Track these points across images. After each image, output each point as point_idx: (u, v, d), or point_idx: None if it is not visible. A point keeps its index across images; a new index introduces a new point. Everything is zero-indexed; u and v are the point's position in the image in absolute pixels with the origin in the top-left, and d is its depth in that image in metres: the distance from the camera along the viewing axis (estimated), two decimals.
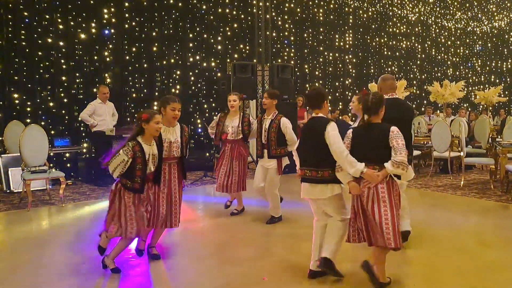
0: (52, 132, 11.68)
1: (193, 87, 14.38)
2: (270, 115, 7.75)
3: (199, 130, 14.55)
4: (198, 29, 14.48)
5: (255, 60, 14.47)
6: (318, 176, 4.93)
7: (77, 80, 12.21)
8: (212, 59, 14.79)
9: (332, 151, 4.81)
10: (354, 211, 4.87)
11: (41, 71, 11.67)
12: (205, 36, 14.61)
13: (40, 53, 11.63)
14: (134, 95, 13.18)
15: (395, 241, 4.57)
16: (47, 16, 11.74)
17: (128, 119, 12.92)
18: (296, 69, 16.60)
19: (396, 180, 4.69)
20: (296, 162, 5.24)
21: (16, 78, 11.35)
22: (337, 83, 18.72)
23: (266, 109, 7.86)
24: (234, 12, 15.33)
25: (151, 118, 5.34)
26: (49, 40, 11.74)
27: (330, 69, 18.66)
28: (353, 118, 17.04)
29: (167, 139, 5.85)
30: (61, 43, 11.90)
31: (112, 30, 12.75)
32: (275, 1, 16.21)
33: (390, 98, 6.05)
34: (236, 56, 15.19)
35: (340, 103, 18.66)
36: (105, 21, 12.59)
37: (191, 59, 14.30)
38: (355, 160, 4.74)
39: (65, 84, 12.02)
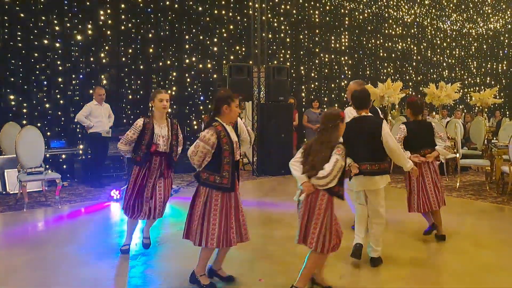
0: (48, 133, 11.67)
1: (189, 89, 14.38)
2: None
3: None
4: (194, 30, 14.48)
5: (251, 62, 14.50)
6: (376, 169, 5.33)
7: (73, 82, 12.21)
8: (208, 61, 14.79)
9: (389, 146, 5.39)
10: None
11: (37, 72, 11.66)
12: (201, 37, 14.62)
13: (36, 54, 11.62)
14: (130, 96, 13.18)
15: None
16: (43, 18, 11.74)
17: (124, 120, 12.92)
18: (292, 71, 16.60)
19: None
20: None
21: (12, 79, 11.34)
22: (333, 85, 18.73)
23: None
24: (230, 14, 15.34)
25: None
26: (45, 42, 11.74)
27: (326, 70, 18.67)
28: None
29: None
30: (57, 45, 11.90)
31: (108, 32, 12.74)
32: (271, 3, 16.21)
33: None
34: (232, 57, 15.20)
35: (336, 105, 18.65)
36: (101, 23, 12.58)
37: (187, 61, 14.30)
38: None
39: (61, 85, 12.01)
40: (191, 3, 14.39)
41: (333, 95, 18.75)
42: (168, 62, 13.96)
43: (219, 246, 4.93)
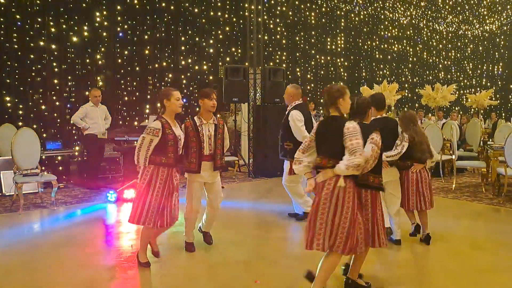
0: (44, 135, 11.65)
1: (185, 90, 14.37)
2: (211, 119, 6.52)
3: None
4: (190, 32, 14.48)
5: (247, 63, 14.51)
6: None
7: (69, 83, 12.19)
8: (204, 62, 14.80)
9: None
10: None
11: (33, 74, 11.64)
12: (197, 39, 14.61)
13: (32, 56, 11.60)
14: (126, 98, 13.17)
15: None
16: (39, 19, 11.72)
17: (120, 122, 12.91)
18: (288, 72, 16.61)
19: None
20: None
21: (8, 81, 11.32)
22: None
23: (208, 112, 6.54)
24: (226, 16, 15.34)
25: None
26: (41, 43, 11.72)
27: (322, 72, 18.70)
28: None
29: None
30: (53, 46, 11.88)
31: (104, 33, 12.73)
32: (267, 5, 16.23)
33: (300, 104, 7.93)
34: (228, 59, 15.20)
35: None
36: (97, 24, 12.57)
37: (183, 62, 14.30)
38: None
39: (57, 87, 11.99)
40: (187, 4, 14.38)
41: None
42: (164, 63, 13.95)
43: None
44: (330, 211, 4.45)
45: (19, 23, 11.42)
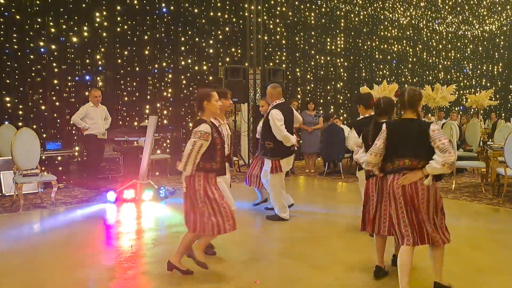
0: (44, 135, 11.65)
1: (184, 91, 14.37)
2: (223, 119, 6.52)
3: None
4: (190, 32, 14.47)
5: (246, 64, 14.52)
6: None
7: (69, 84, 12.19)
8: (204, 63, 14.79)
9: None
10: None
11: (33, 74, 11.64)
12: (197, 39, 14.61)
13: (32, 56, 11.61)
14: (126, 98, 13.17)
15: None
16: (39, 20, 11.72)
17: (120, 122, 12.91)
18: (288, 73, 16.61)
19: None
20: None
21: (7, 81, 11.32)
22: (328, 87, 18.75)
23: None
24: (226, 16, 15.33)
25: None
26: (41, 43, 11.72)
27: (322, 72, 18.68)
28: (344, 122, 17.11)
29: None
30: (53, 46, 11.88)
31: (104, 34, 12.74)
32: (266, 5, 16.23)
33: (281, 103, 7.98)
34: (227, 59, 15.19)
35: (332, 107, 18.69)
36: (97, 25, 12.58)
37: (183, 63, 14.30)
38: None
39: (57, 87, 12.00)
40: (187, 5, 14.38)
41: (328, 97, 18.77)
42: (164, 64, 13.95)
43: None
44: (426, 208, 4.94)
45: (19, 23, 11.43)
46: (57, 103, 12.02)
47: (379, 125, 5.21)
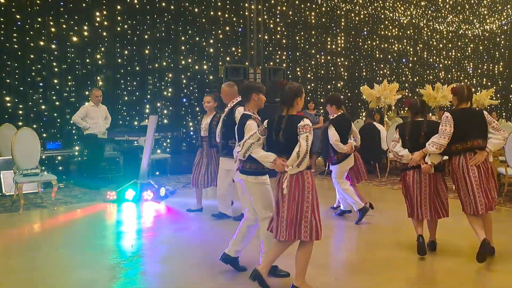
0: (44, 135, 11.65)
1: (185, 90, 14.36)
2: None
3: (191, 133, 14.49)
4: (190, 32, 14.46)
5: (247, 63, 14.49)
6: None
7: (69, 83, 12.19)
8: (204, 62, 14.78)
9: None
10: None
11: (33, 74, 11.64)
12: (197, 39, 14.60)
13: (32, 56, 11.61)
14: (126, 98, 13.17)
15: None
16: (39, 19, 11.72)
17: (121, 122, 12.91)
18: (288, 72, 16.60)
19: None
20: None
21: (8, 81, 11.32)
22: (329, 86, 18.74)
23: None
24: (226, 15, 15.33)
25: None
26: (41, 43, 11.72)
27: (322, 72, 18.68)
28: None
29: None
30: (53, 46, 11.89)
31: (104, 33, 12.73)
32: (267, 4, 16.22)
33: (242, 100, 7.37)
34: (228, 59, 15.19)
35: None
36: (97, 24, 12.57)
37: (183, 62, 14.29)
38: None
39: (57, 87, 12.00)
40: (187, 4, 14.38)
41: None
42: (164, 63, 13.94)
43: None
44: (480, 179, 5.89)
45: (19, 23, 11.43)
46: (57, 103, 12.02)
47: (417, 123, 6.10)
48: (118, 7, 12.97)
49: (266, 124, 5.02)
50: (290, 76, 16.87)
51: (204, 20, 14.79)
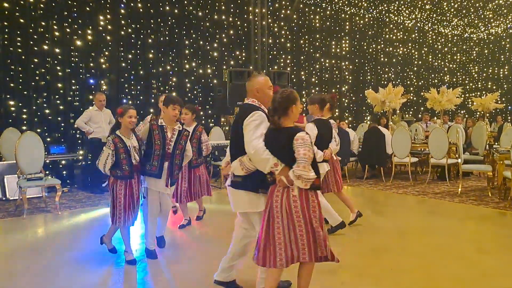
0: (48, 139, 11.64)
1: (189, 94, 14.35)
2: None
3: None
4: (194, 35, 14.45)
5: (251, 67, 14.48)
6: None
7: (73, 87, 12.18)
8: (208, 66, 14.77)
9: None
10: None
11: (37, 78, 11.63)
12: (201, 42, 14.59)
13: (36, 60, 11.60)
14: (130, 102, 13.15)
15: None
16: (43, 23, 11.71)
17: None
18: (293, 76, 16.59)
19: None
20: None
21: (11, 85, 11.31)
22: (333, 90, 18.71)
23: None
24: (230, 19, 15.32)
25: (124, 112, 5.94)
26: (45, 47, 11.71)
27: (327, 75, 18.67)
28: (350, 125, 17.07)
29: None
30: (57, 50, 11.87)
31: (108, 37, 12.71)
32: (271, 8, 16.21)
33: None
34: (232, 62, 15.18)
35: (337, 110, 18.64)
36: (101, 28, 12.56)
37: (187, 66, 14.28)
38: None
39: (61, 91, 11.98)
40: (191, 8, 14.37)
41: None
42: (168, 67, 13.93)
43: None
44: None
45: (23, 26, 11.42)
46: (61, 107, 12.01)
47: None
48: (122, 11, 12.97)
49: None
50: (294, 80, 16.85)
51: (208, 24, 14.78)
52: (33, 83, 11.60)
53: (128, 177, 5.89)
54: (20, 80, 11.44)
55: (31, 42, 11.55)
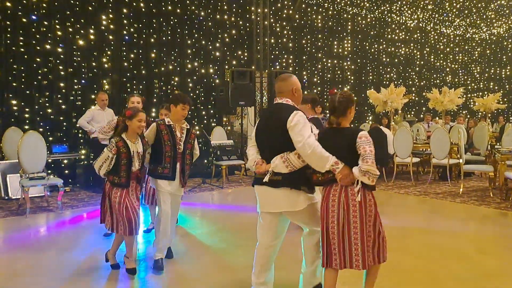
0: (50, 138, 11.65)
1: (191, 94, 14.33)
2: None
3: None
4: (196, 35, 14.45)
5: (253, 67, 14.49)
6: None
7: (75, 87, 12.18)
8: (211, 66, 14.76)
9: None
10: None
11: (40, 77, 11.64)
12: (203, 42, 14.59)
13: (38, 59, 11.61)
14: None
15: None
16: (46, 23, 11.72)
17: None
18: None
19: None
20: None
21: (14, 84, 11.32)
22: (335, 90, 18.67)
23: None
24: (233, 19, 15.31)
25: (134, 115, 5.51)
26: (48, 47, 11.72)
27: (329, 75, 18.66)
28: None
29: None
30: (59, 50, 11.88)
31: (110, 37, 12.72)
32: (273, 8, 16.21)
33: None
34: (234, 62, 15.17)
35: None
36: (103, 27, 12.57)
37: (189, 66, 14.28)
38: None
39: (63, 90, 11.99)
40: (193, 8, 14.37)
41: None
42: (170, 67, 13.93)
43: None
44: None
45: (25, 26, 11.43)
46: (63, 106, 12.02)
47: None
48: (124, 10, 12.97)
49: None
50: None
51: (210, 23, 14.78)
52: (35, 83, 11.61)
53: (124, 185, 5.54)
54: (23, 80, 11.45)
55: (34, 42, 11.55)
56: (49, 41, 11.76)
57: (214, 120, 14.74)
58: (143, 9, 13.32)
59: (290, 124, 4.39)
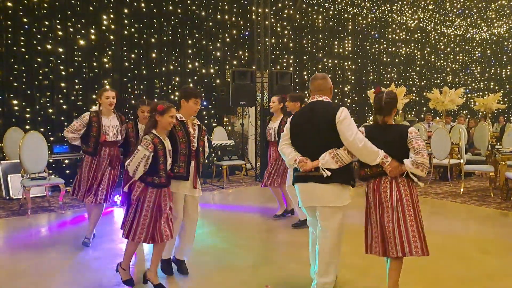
0: (52, 138, 11.65)
1: None
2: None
3: None
4: (197, 35, 14.45)
5: (254, 67, 14.48)
6: None
7: (76, 87, 12.18)
8: (211, 66, 14.76)
9: None
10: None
11: (40, 77, 11.65)
12: (204, 42, 14.59)
13: (39, 59, 11.61)
14: (133, 101, 13.15)
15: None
16: (47, 23, 11.73)
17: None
18: (295, 76, 16.60)
19: None
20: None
21: (15, 84, 11.33)
22: (336, 90, 18.69)
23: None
24: (233, 19, 15.31)
25: (166, 110, 5.09)
26: (49, 47, 11.72)
27: (329, 75, 18.57)
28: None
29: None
30: (60, 50, 11.88)
31: (111, 37, 12.73)
32: (274, 8, 16.20)
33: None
34: (235, 62, 15.17)
35: None
36: (104, 28, 12.57)
37: (190, 66, 14.28)
38: None
39: (64, 90, 11.99)
40: (194, 8, 14.37)
41: (336, 100, 18.71)
42: (171, 67, 13.93)
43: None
44: None
45: (26, 26, 11.43)
46: (64, 106, 12.02)
47: None
48: (125, 10, 12.97)
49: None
50: (297, 80, 16.86)
51: (211, 23, 14.77)
52: (36, 83, 11.61)
53: (165, 185, 5.12)
54: (24, 80, 11.45)
55: (35, 42, 11.56)
56: (50, 41, 11.76)
57: (215, 120, 14.74)
58: (144, 9, 13.32)
59: (339, 119, 4.58)
